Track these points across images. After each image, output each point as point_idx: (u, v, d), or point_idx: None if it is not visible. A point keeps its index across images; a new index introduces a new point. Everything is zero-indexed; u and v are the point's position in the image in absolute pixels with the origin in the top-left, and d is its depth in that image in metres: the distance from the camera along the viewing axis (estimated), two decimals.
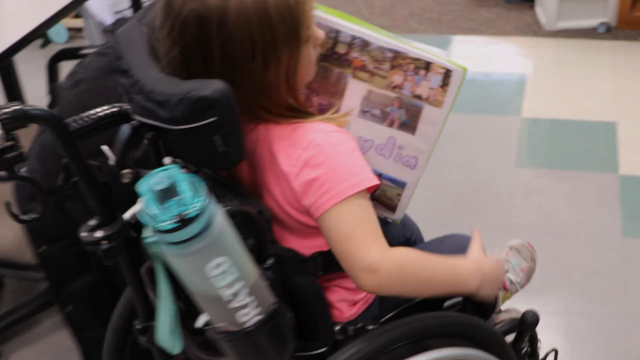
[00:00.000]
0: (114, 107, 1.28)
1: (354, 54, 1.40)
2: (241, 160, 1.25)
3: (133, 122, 1.24)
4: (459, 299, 1.46)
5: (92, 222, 1.26)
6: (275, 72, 1.25)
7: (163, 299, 1.22)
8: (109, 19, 3.18)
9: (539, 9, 4.15)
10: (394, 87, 1.40)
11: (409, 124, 1.41)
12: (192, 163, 1.24)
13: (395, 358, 1.33)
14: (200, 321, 1.22)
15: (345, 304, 1.45)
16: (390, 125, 1.42)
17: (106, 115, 1.27)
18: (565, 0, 3.90)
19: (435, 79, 1.38)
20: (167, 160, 1.24)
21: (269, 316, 1.20)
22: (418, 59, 1.38)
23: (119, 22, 2.96)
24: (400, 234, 1.73)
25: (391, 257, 1.25)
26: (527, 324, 1.57)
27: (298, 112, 1.31)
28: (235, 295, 1.14)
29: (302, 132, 1.27)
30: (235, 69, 1.22)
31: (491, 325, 1.52)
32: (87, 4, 3.19)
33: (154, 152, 1.27)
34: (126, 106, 1.27)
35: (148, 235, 1.12)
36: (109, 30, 3.10)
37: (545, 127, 3.28)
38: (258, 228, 1.25)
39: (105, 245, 1.23)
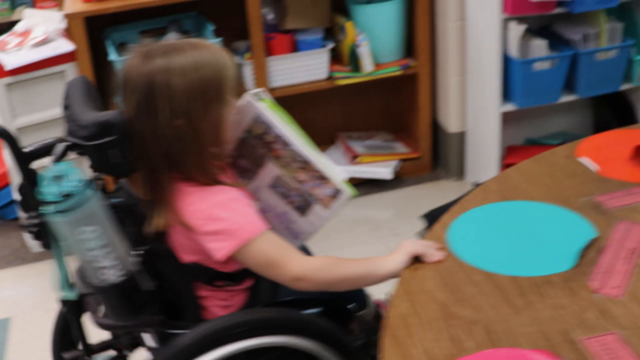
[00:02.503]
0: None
1: (277, 146, 1.77)
2: (132, 171, 1.68)
3: (66, 142, 1.65)
4: (319, 309, 1.87)
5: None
6: (205, 124, 1.62)
7: (59, 258, 1.67)
8: None
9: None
10: (298, 181, 1.78)
11: (301, 209, 1.81)
12: (101, 171, 1.69)
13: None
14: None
15: (217, 308, 1.81)
16: (289, 204, 1.81)
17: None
18: None
19: (329, 190, 1.76)
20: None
21: (123, 281, 1.59)
22: (321, 172, 1.75)
23: None
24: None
25: (311, 265, 1.67)
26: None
27: (212, 180, 1.67)
28: (97, 257, 1.54)
29: (209, 191, 1.66)
30: (178, 119, 1.59)
31: (322, 321, 1.80)
32: None
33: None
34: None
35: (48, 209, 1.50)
36: None
37: None
38: (135, 223, 1.68)
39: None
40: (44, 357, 2.18)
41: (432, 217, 3.21)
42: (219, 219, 1.64)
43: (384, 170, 3.63)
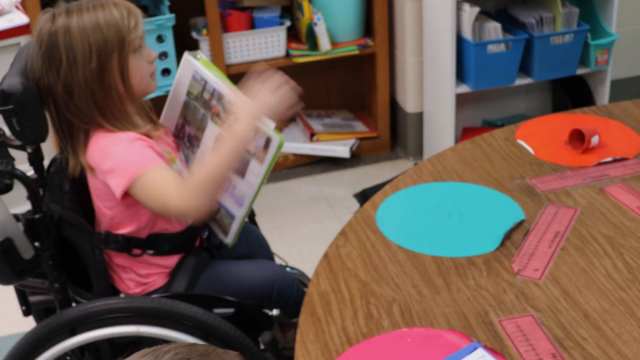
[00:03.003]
0: None
1: (214, 102, 1.79)
2: (38, 140, 1.75)
3: None
4: (231, 310, 1.78)
5: None
6: (109, 76, 1.70)
7: None
8: None
9: None
10: None
11: (240, 170, 1.77)
12: (13, 135, 1.71)
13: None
14: None
15: (133, 282, 1.83)
16: None
17: None
18: None
19: (260, 140, 1.72)
20: None
21: None
22: None
23: None
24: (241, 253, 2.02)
25: (188, 192, 1.63)
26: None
27: (123, 127, 1.72)
28: None
29: (114, 135, 1.71)
30: (77, 70, 1.68)
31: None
32: None
33: None
34: None
35: None
36: None
37: None
38: (32, 192, 1.69)
39: None
40: None
41: (365, 196, 3.24)
42: (113, 156, 1.70)
43: (342, 148, 3.65)
